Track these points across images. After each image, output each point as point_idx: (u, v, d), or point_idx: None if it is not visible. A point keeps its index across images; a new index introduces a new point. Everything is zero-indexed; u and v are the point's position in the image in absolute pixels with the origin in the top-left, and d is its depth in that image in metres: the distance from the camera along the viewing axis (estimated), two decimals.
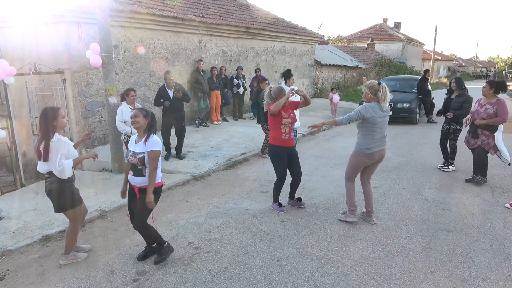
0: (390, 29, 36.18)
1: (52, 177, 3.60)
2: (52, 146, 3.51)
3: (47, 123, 3.54)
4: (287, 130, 4.81)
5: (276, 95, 4.82)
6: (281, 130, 4.79)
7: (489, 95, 5.83)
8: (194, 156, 7.57)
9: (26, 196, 5.74)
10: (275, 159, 4.95)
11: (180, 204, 5.35)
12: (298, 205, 5.14)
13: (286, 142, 4.84)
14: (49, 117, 3.56)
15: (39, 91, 7.33)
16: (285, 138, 4.81)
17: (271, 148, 4.97)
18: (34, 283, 3.49)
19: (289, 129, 4.83)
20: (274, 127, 4.85)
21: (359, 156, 4.53)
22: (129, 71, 8.50)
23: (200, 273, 3.59)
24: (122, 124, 6.07)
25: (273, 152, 4.94)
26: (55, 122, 3.58)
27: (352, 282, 3.42)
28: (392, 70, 25.86)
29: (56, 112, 3.62)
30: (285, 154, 4.87)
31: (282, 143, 4.83)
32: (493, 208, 5.09)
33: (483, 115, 5.80)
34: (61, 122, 3.64)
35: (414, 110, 11.85)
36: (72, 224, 3.78)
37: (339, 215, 4.83)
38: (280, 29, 14.10)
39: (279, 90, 4.87)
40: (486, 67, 71.06)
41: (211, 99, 10.66)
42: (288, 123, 4.79)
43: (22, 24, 7.27)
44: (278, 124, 4.78)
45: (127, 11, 7.91)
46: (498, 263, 3.72)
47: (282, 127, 4.78)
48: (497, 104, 5.70)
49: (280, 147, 4.85)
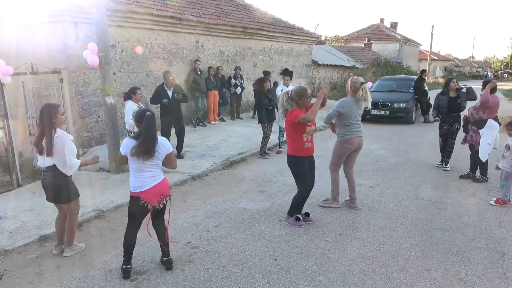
0: (387, 29, 36.31)
1: (54, 171, 3.70)
2: (57, 141, 3.60)
3: (47, 120, 3.61)
4: (309, 138, 4.34)
5: (300, 96, 4.25)
6: (303, 139, 4.29)
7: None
8: (191, 156, 7.57)
9: (23, 196, 5.72)
10: (300, 171, 4.43)
11: (178, 204, 5.35)
12: (307, 220, 4.65)
13: (308, 151, 4.39)
14: (48, 114, 3.63)
15: (36, 90, 7.31)
16: (307, 147, 4.36)
17: (292, 159, 4.42)
18: (31, 283, 3.48)
19: (311, 137, 4.38)
20: (296, 136, 4.30)
21: (341, 145, 4.95)
22: (127, 70, 8.49)
23: (198, 272, 3.60)
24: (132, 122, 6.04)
25: (296, 163, 4.40)
26: (55, 119, 3.65)
27: (349, 280, 3.44)
28: (389, 70, 25.95)
29: (55, 109, 3.71)
30: (307, 164, 4.43)
31: (305, 153, 4.37)
32: (489, 207, 5.13)
33: (472, 110, 6.16)
34: (60, 119, 3.73)
35: (410, 110, 11.91)
36: (73, 216, 3.91)
37: (321, 201, 5.18)
38: (277, 29, 14.12)
39: (302, 90, 4.28)
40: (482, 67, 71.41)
41: (209, 99, 10.66)
42: (311, 131, 4.32)
43: (19, 23, 7.25)
44: (301, 132, 4.26)
45: (124, 10, 7.90)
46: (494, 261, 3.75)
47: (305, 136, 4.28)
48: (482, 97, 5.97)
49: (303, 158, 4.37)
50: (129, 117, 6.04)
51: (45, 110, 3.65)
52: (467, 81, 39.84)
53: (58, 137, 3.61)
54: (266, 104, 7.41)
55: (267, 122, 7.56)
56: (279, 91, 7.69)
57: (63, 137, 3.64)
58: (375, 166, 7.18)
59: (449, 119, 6.69)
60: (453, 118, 6.67)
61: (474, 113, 6.08)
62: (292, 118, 4.20)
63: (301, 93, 4.26)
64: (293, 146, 4.37)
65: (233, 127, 10.61)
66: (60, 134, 3.64)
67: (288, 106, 4.30)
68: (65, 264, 3.79)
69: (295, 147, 4.35)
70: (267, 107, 7.46)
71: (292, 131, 4.31)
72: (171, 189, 5.90)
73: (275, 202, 5.38)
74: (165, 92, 7.09)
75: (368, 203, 5.29)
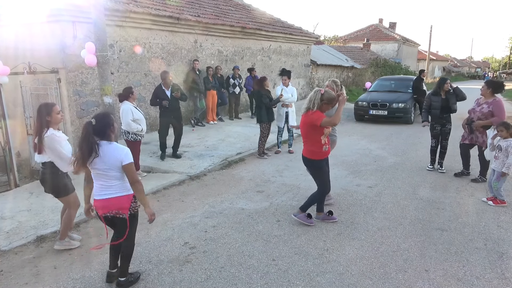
0: (386, 30, 36.34)
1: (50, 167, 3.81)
2: (47, 140, 3.70)
3: (41, 118, 3.72)
4: (326, 141, 4.36)
5: (329, 101, 4.24)
6: (321, 142, 4.30)
7: (487, 94, 6.01)
8: (189, 156, 7.56)
9: (20, 196, 5.70)
10: (319, 174, 4.47)
11: (176, 204, 5.33)
12: (330, 219, 4.65)
13: (325, 154, 4.43)
14: (43, 112, 3.73)
15: (33, 90, 7.28)
16: (325, 150, 4.37)
17: (309, 163, 4.45)
18: (28, 283, 3.47)
19: (327, 139, 4.39)
20: (314, 138, 4.30)
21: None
22: (125, 70, 8.47)
23: (195, 273, 3.58)
24: (133, 123, 6.02)
25: (313, 167, 4.46)
26: (49, 117, 3.74)
27: (348, 281, 3.43)
28: (388, 70, 25.97)
29: (50, 107, 3.79)
30: (325, 165, 4.48)
31: (323, 156, 4.40)
32: (487, 207, 5.13)
33: (478, 114, 5.97)
34: (55, 118, 3.80)
35: (409, 110, 11.91)
36: (69, 210, 4.00)
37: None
38: (276, 29, 14.11)
39: (334, 98, 4.28)
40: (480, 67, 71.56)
41: (207, 98, 10.65)
42: (328, 133, 4.33)
43: (17, 22, 7.23)
44: (319, 135, 4.27)
45: (123, 10, 7.89)
46: (492, 261, 3.75)
47: (322, 138, 4.30)
48: (493, 104, 5.84)
49: (321, 161, 4.41)
50: (129, 117, 6.02)
51: (40, 108, 3.76)
52: (466, 81, 39.91)
53: (48, 136, 3.70)
54: (267, 104, 7.40)
55: (266, 122, 7.55)
56: (279, 91, 7.68)
57: (53, 137, 3.72)
58: (374, 166, 7.17)
59: (441, 120, 6.59)
60: (445, 119, 6.60)
61: (482, 117, 5.90)
62: (313, 120, 4.17)
63: (332, 100, 4.25)
64: (310, 150, 4.36)
65: (232, 127, 10.60)
66: (50, 134, 3.71)
67: (315, 105, 4.21)
68: (62, 264, 3.77)
69: (313, 150, 4.35)
70: (268, 107, 7.44)
71: (310, 134, 4.30)
72: (169, 189, 5.94)
73: (273, 202, 5.37)
74: (163, 93, 7.06)
75: (366, 203, 5.28)
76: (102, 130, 3.13)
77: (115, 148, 3.15)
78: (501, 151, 5.13)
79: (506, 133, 5.14)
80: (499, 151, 5.17)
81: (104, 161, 3.11)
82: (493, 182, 5.20)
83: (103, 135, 3.14)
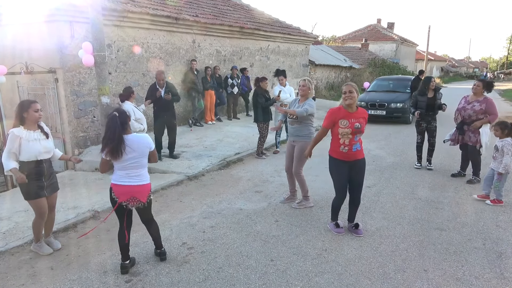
0: (384, 30, 36.42)
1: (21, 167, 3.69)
2: (8, 137, 3.63)
3: (17, 114, 3.65)
4: (347, 142, 4.06)
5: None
6: (339, 142, 4.10)
7: (479, 93, 6.08)
8: (188, 156, 7.54)
9: (17, 196, 5.64)
10: (332, 172, 4.31)
11: (174, 204, 5.31)
12: (354, 232, 4.34)
13: (344, 156, 4.12)
14: (21, 108, 3.65)
15: (30, 90, 7.26)
16: (343, 151, 4.10)
17: (329, 159, 4.32)
18: (25, 284, 3.44)
19: (350, 141, 4.06)
20: (333, 137, 4.20)
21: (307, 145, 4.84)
22: (122, 70, 8.44)
23: (193, 273, 3.56)
24: (135, 123, 6.03)
25: (330, 164, 4.29)
26: (25, 113, 3.64)
27: (346, 281, 3.42)
28: (386, 70, 26.02)
29: (28, 104, 3.70)
30: (343, 168, 4.17)
31: (340, 156, 4.15)
32: (486, 207, 5.12)
33: (470, 111, 6.03)
34: (32, 115, 3.67)
35: (407, 110, 11.90)
36: (35, 215, 3.90)
37: (294, 204, 5.18)
38: (275, 29, 14.10)
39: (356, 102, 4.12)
40: (478, 67, 71.72)
41: (205, 98, 10.62)
42: (346, 134, 4.03)
43: (14, 22, 7.20)
44: (335, 134, 4.13)
45: (121, 10, 7.86)
46: (491, 261, 3.74)
47: (340, 138, 4.09)
48: (485, 102, 5.98)
49: (338, 160, 4.19)
50: (131, 117, 6.02)
51: (19, 104, 3.69)
52: (464, 81, 39.97)
53: (9, 134, 3.64)
54: (263, 104, 7.38)
55: (262, 121, 7.53)
56: (277, 90, 7.68)
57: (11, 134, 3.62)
58: (372, 166, 7.17)
59: (427, 117, 6.73)
60: (430, 117, 6.73)
61: (473, 115, 5.97)
62: (328, 115, 4.17)
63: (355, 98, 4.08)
64: (331, 145, 4.25)
65: (230, 127, 10.58)
66: (10, 132, 3.64)
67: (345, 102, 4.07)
68: (59, 265, 3.74)
69: (332, 146, 4.25)
70: (264, 107, 7.43)
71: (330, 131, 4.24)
72: (167, 189, 5.92)
73: (272, 202, 5.35)
74: (157, 91, 7.09)
75: (365, 203, 5.27)
76: (124, 121, 3.32)
77: (139, 137, 3.40)
78: (498, 151, 5.14)
79: (501, 133, 5.15)
80: (496, 151, 5.17)
81: (134, 150, 3.33)
82: (495, 183, 5.19)
83: (124, 127, 3.33)
